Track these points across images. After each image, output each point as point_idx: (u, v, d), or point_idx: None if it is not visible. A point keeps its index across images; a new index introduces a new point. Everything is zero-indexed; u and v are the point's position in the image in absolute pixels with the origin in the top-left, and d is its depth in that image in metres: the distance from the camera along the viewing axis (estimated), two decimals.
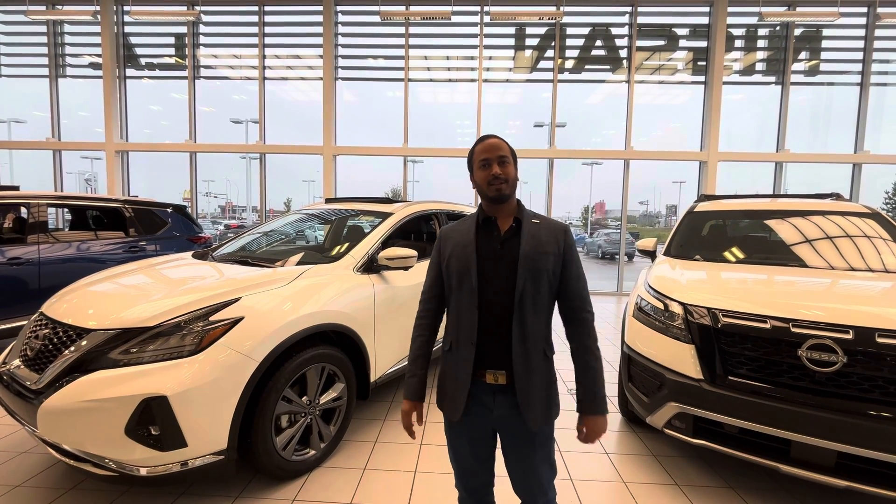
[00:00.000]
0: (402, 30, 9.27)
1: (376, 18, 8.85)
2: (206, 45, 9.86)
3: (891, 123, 9.38)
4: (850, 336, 1.90)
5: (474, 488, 1.43)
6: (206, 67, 9.87)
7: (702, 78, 9.16)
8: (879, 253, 2.82)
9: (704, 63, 9.10)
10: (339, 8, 9.31)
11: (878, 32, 8.80)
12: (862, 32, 8.89)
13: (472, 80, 9.38)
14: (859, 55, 8.94)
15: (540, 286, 1.28)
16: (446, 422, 1.38)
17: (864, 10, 8.77)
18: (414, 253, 2.83)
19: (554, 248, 1.31)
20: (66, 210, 6.95)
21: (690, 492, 2.25)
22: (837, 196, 3.67)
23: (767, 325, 2.05)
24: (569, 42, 9.36)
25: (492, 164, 1.31)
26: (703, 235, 3.57)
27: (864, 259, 2.78)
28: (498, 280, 1.28)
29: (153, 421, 1.76)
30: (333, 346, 2.49)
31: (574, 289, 1.34)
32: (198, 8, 9.03)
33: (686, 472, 2.43)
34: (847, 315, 1.97)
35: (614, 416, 3.07)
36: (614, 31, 9.32)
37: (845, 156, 9.08)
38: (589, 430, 1.32)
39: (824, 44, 9.17)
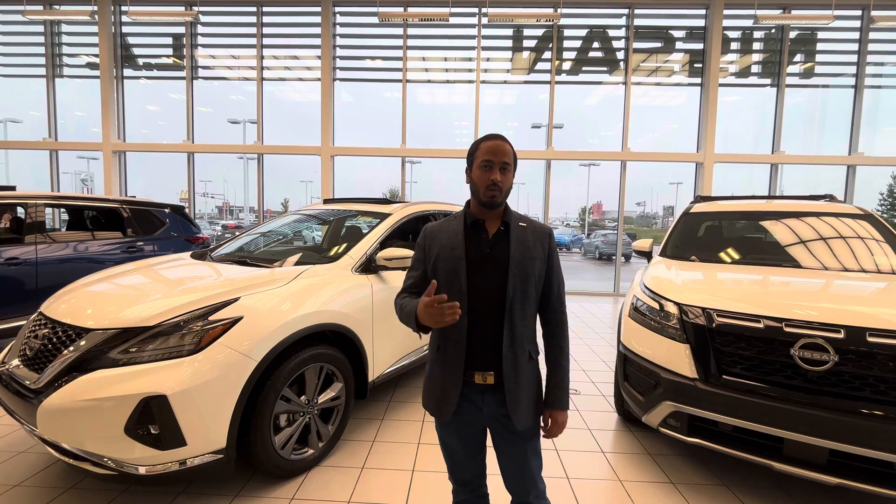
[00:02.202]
0: (400, 31, 9.30)
1: (374, 19, 8.87)
2: (203, 46, 9.85)
3: (885, 125, 9.46)
4: (841, 335, 1.93)
5: (467, 481, 1.46)
6: (204, 68, 9.87)
7: (698, 80, 9.22)
8: (872, 254, 2.85)
9: (701, 65, 9.16)
10: (337, 9, 9.32)
11: (872, 35, 8.88)
12: (856, 35, 8.97)
13: (470, 82, 9.42)
14: (854, 58, 9.02)
15: (528, 291, 1.30)
16: (437, 420, 1.40)
17: (859, 13, 8.85)
18: (412, 253, 2.84)
19: (540, 253, 1.33)
20: (63, 210, 6.93)
21: (686, 490, 2.27)
22: (831, 198, 3.71)
23: (761, 325, 2.08)
24: (566, 44, 9.40)
25: (493, 168, 1.28)
26: (698, 236, 3.61)
27: (856, 260, 2.81)
28: (486, 284, 1.28)
29: (152, 420, 1.77)
30: (332, 345, 2.50)
31: (556, 292, 1.37)
32: (196, 8, 9.03)
33: (681, 470, 2.46)
34: (839, 315, 2.00)
35: (611, 416, 3.10)
36: (611, 32, 9.38)
37: (840, 157, 9.15)
38: (555, 423, 1.37)
39: (819, 46, 9.25)
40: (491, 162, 1.28)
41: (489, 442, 1.42)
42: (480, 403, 1.32)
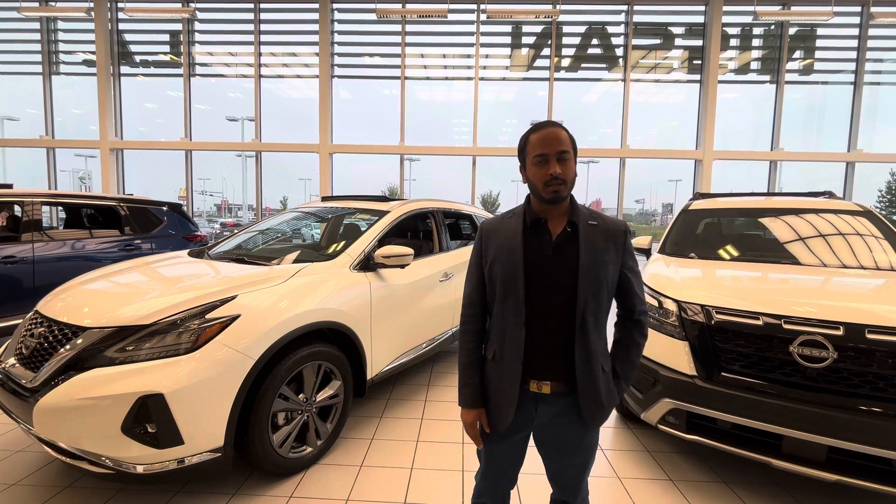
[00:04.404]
0: (398, 27, 9.26)
1: (373, 16, 8.84)
2: (201, 43, 9.81)
3: (884, 122, 9.46)
4: (840, 332, 1.92)
5: (496, 489, 1.39)
6: (202, 65, 9.84)
7: (697, 77, 9.21)
8: (871, 251, 2.85)
9: (700, 62, 9.15)
10: (335, 6, 9.28)
11: (871, 32, 8.86)
12: (855, 32, 8.96)
13: (469, 79, 9.39)
14: (853, 54, 9.01)
15: (601, 300, 1.17)
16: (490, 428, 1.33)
17: (858, 9, 8.84)
18: (410, 251, 2.84)
19: (613, 256, 1.19)
20: (60, 208, 6.91)
21: (684, 487, 2.27)
22: (830, 194, 3.69)
23: (760, 322, 2.07)
24: (565, 40, 9.38)
25: (550, 160, 1.14)
26: (697, 233, 3.60)
27: (855, 257, 2.81)
28: (547, 291, 1.17)
29: (149, 418, 1.76)
30: (330, 343, 2.49)
31: (633, 291, 1.25)
32: (193, 5, 8.99)
33: (680, 467, 2.46)
34: (838, 311, 1.99)
35: (610, 414, 3.09)
36: (610, 29, 9.36)
37: (839, 154, 9.15)
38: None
39: (818, 43, 9.25)
40: (546, 156, 1.14)
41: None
42: (533, 413, 1.24)
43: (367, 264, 2.84)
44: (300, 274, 2.46)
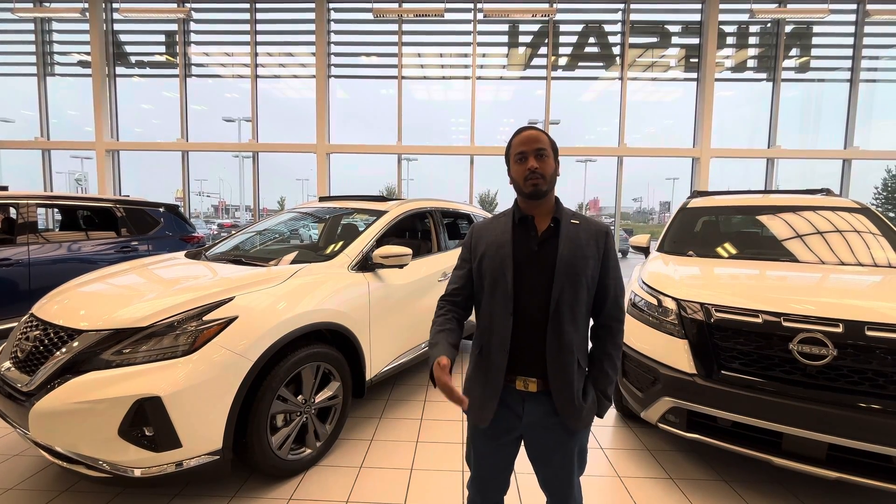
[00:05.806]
0: (395, 27, 9.25)
1: (369, 16, 8.81)
2: (197, 43, 9.77)
3: (880, 119, 9.49)
4: (839, 329, 1.92)
5: (487, 495, 1.38)
6: (198, 65, 9.79)
7: (694, 75, 9.22)
8: (869, 247, 2.85)
9: (697, 60, 9.16)
10: (331, 5, 9.25)
11: (867, 29, 8.89)
12: (851, 29, 8.98)
13: (466, 78, 9.38)
14: (849, 52, 9.04)
15: (579, 294, 1.21)
16: (470, 425, 1.34)
17: (854, 6, 8.86)
18: (409, 251, 2.83)
19: (594, 252, 1.24)
20: (56, 210, 6.87)
21: (684, 485, 2.27)
22: (828, 192, 3.70)
23: (759, 320, 2.07)
24: (562, 39, 9.38)
25: (528, 157, 1.23)
26: (695, 231, 3.60)
27: (853, 254, 2.81)
28: (534, 284, 1.21)
29: (147, 422, 1.75)
30: (329, 344, 2.48)
31: (612, 296, 1.28)
32: (188, 5, 8.95)
33: (680, 465, 2.45)
34: (837, 309, 1.99)
35: (609, 412, 3.09)
36: (607, 28, 9.36)
37: (835, 151, 9.18)
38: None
39: (814, 40, 9.27)
40: (524, 153, 1.24)
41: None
42: (520, 411, 1.25)
43: (366, 264, 2.83)
44: (298, 275, 2.45)
